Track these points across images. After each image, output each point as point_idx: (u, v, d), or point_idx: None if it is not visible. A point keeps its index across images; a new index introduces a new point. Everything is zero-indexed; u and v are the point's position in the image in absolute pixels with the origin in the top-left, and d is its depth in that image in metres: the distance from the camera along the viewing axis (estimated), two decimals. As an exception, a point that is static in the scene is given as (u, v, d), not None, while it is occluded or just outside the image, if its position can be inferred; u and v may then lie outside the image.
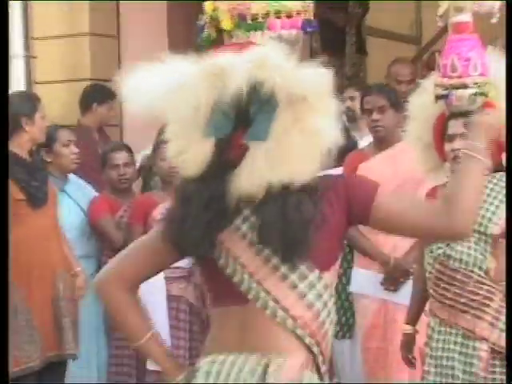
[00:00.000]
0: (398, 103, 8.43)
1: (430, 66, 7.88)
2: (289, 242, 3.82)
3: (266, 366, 3.84)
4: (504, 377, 6.70)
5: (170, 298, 8.90)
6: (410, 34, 15.35)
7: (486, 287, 6.59)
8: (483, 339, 6.56)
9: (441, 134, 6.84)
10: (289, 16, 4.03)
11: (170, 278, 8.60)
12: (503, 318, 6.57)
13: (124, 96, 3.90)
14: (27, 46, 11.40)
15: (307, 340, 3.91)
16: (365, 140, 9.43)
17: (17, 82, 11.20)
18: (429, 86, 6.88)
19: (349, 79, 13.56)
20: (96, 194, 9.46)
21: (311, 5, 4.14)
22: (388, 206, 4.08)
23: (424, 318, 7.05)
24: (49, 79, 11.64)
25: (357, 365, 8.61)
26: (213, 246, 3.89)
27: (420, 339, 7.07)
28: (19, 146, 8.43)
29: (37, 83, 11.43)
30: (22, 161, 8.46)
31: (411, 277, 7.63)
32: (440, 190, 6.83)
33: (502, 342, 6.52)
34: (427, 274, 6.83)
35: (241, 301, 3.91)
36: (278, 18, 4.01)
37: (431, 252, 6.73)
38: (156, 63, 3.87)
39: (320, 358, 3.99)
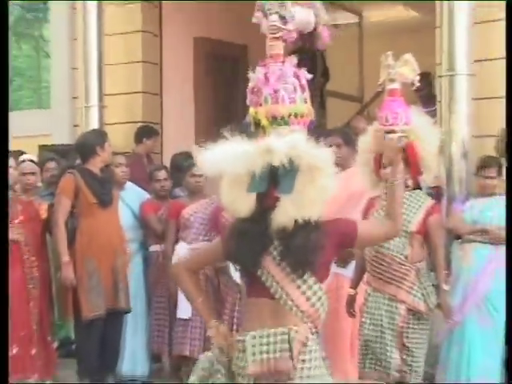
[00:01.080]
0: (350, 142, 8.43)
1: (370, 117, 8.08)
2: (302, 264, 4.35)
3: (289, 333, 4.31)
4: (416, 327, 6.99)
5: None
6: (355, 95, 15.28)
7: (404, 267, 6.94)
8: (402, 302, 6.91)
9: (379, 163, 7.13)
10: (302, 116, 4.46)
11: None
12: (416, 287, 6.93)
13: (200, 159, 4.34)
14: (101, 98, 11.55)
15: (308, 323, 4.44)
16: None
17: (92, 124, 11.30)
18: (371, 131, 7.30)
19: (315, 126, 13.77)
20: (148, 195, 9.58)
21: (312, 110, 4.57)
22: (362, 233, 4.62)
23: (362, 286, 7.34)
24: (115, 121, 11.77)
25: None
26: (258, 266, 4.38)
27: (359, 299, 7.30)
28: (94, 165, 8.62)
29: (106, 124, 11.48)
30: (95, 176, 8.62)
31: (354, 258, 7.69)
32: (377, 199, 7.22)
33: (415, 304, 6.90)
34: (366, 257, 7.12)
35: (270, 296, 4.40)
36: (295, 117, 4.42)
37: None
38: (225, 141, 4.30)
39: (314, 329, 4.49)
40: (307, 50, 13.41)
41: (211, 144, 4.35)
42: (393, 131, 7.08)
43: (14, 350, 8.29)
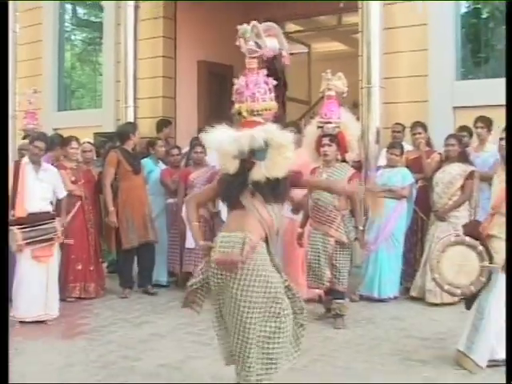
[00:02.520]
0: (300, 131, 8.12)
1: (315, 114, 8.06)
2: (270, 196, 4.48)
3: (244, 237, 4.39)
4: (341, 253, 6.93)
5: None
6: (305, 99, 15.10)
7: (333, 213, 6.90)
8: (332, 236, 6.86)
9: (319, 144, 7.13)
10: (270, 110, 4.55)
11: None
12: (341, 227, 6.87)
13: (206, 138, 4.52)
14: (135, 101, 11.58)
15: (266, 228, 4.49)
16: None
17: (129, 118, 11.35)
18: (315, 122, 7.31)
19: (278, 119, 13.64)
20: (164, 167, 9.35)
21: (276, 105, 4.62)
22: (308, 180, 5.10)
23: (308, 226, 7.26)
24: (144, 116, 11.67)
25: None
26: (237, 199, 4.52)
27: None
28: (128, 146, 8.53)
29: (138, 118, 11.48)
30: (130, 153, 8.53)
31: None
32: (317, 169, 7.16)
33: (340, 238, 6.87)
34: (309, 207, 7.08)
35: (242, 209, 4.50)
36: (266, 111, 4.52)
37: (312, 196, 7.03)
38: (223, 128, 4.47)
39: (269, 236, 4.52)
40: (273, 69, 13.48)
41: (212, 129, 4.49)
42: (329, 123, 7.19)
43: (79, 266, 8.26)
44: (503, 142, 5.63)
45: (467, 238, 5.40)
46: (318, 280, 7.02)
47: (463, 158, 7.88)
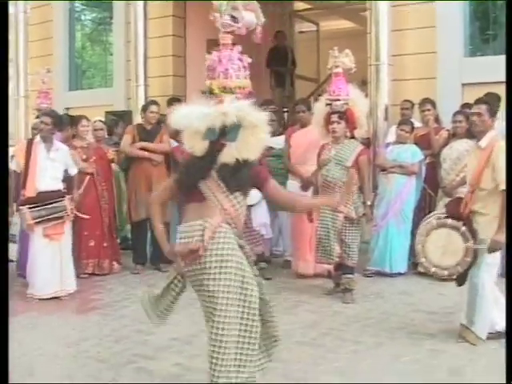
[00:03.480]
0: (310, 108, 8.22)
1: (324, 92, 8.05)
2: (236, 186, 4.10)
3: (204, 223, 4.00)
4: (350, 228, 6.96)
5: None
6: (313, 77, 15.01)
7: (342, 189, 6.87)
8: (341, 212, 6.83)
9: (328, 121, 7.13)
10: (244, 88, 4.21)
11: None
12: (349, 203, 6.88)
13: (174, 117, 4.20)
14: (145, 80, 11.59)
15: (229, 219, 4.08)
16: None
17: (140, 97, 11.44)
18: (324, 99, 7.28)
19: (287, 97, 13.41)
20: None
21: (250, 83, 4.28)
22: (271, 189, 4.23)
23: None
24: (155, 95, 11.54)
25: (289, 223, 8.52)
26: (198, 184, 4.11)
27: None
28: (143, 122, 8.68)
29: (149, 97, 11.39)
30: (144, 128, 8.66)
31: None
32: (326, 145, 7.18)
33: (349, 213, 6.87)
34: (318, 183, 7.12)
35: (202, 201, 4.08)
36: (239, 89, 4.18)
37: (322, 175, 7.06)
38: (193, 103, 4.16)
39: (233, 226, 4.11)
40: (282, 48, 13.43)
41: (180, 107, 4.25)
42: (338, 100, 7.20)
43: (91, 243, 8.32)
44: (474, 117, 5.60)
45: (449, 221, 5.43)
46: (328, 255, 7.05)
47: (471, 134, 7.85)
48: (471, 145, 7.66)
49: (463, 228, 5.36)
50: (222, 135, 4.11)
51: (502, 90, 8.17)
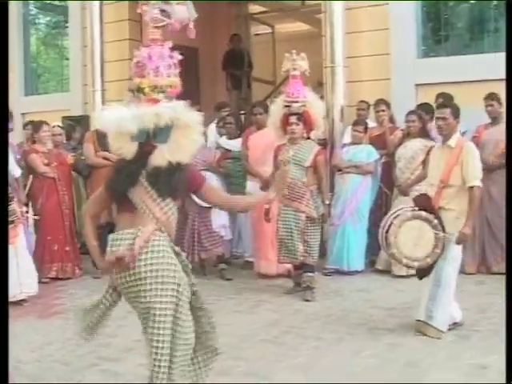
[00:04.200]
0: (267, 111, 8.06)
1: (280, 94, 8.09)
2: (168, 188, 3.88)
3: (136, 232, 3.82)
4: (312, 228, 7.11)
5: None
6: (270, 79, 15.06)
7: (302, 189, 7.04)
8: (302, 212, 6.99)
9: (284, 123, 7.26)
10: (175, 87, 3.95)
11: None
12: (310, 202, 7.04)
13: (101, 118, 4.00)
14: (102, 85, 11.64)
15: (162, 228, 3.87)
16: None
17: (97, 101, 11.34)
18: (280, 101, 7.41)
19: (243, 99, 13.45)
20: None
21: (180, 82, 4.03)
22: (207, 191, 4.12)
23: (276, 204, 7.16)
24: (112, 99, 11.57)
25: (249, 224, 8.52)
26: (129, 191, 3.89)
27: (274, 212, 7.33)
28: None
29: (107, 101, 11.41)
30: (104, 134, 8.58)
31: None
32: (282, 146, 7.31)
33: (311, 213, 7.02)
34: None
35: (133, 210, 3.88)
36: (170, 87, 3.92)
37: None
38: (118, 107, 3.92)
39: (165, 232, 3.91)
40: (238, 50, 13.52)
41: (105, 108, 4.04)
42: (296, 102, 7.32)
43: (55, 247, 8.36)
44: (440, 122, 5.78)
45: (423, 213, 5.56)
46: (292, 255, 7.17)
47: (424, 133, 8.06)
48: (425, 144, 7.92)
49: (435, 221, 5.52)
50: (151, 137, 3.90)
51: (453, 90, 8.46)
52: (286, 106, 7.35)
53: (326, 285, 7.62)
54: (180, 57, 4.06)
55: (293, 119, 7.20)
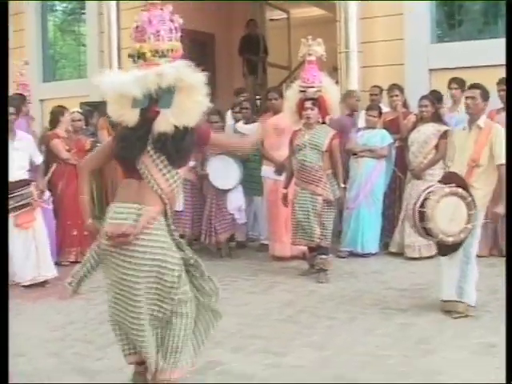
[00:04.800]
0: (282, 96, 8.36)
1: (295, 79, 8.18)
2: (177, 154, 3.86)
3: (141, 209, 3.82)
4: (328, 211, 7.23)
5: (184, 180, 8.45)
6: (285, 65, 15.09)
7: (319, 173, 7.13)
8: (319, 195, 7.10)
9: (300, 107, 7.33)
10: (176, 51, 3.89)
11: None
12: (327, 186, 7.14)
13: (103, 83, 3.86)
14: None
15: (165, 198, 3.88)
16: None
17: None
18: (296, 86, 7.47)
19: (259, 85, 13.55)
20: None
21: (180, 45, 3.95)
22: (216, 140, 4.23)
23: (292, 187, 7.47)
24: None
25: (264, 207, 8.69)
26: (137, 160, 3.86)
27: (290, 195, 7.49)
28: None
29: None
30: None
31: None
32: (299, 131, 7.40)
33: (327, 196, 7.13)
34: (294, 167, 7.35)
35: (139, 178, 3.86)
36: (171, 52, 3.85)
37: (297, 158, 7.28)
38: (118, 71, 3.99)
39: (169, 208, 3.92)
40: (254, 36, 13.61)
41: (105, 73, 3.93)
42: (312, 87, 7.42)
43: (74, 232, 8.49)
44: (468, 101, 5.92)
45: (460, 190, 5.64)
46: (309, 237, 7.29)
47: (437, 118, 8.18)
48: (437, 128, 8.04)
49: (470, 198, 5.62)
50: (153, 101, 3.82)
51: (467, 75, 8.56)
52: (302, 91, 7.44)
53: (340, 267, 7.76)
54: (181, 20, 3.98)
55: (308, 104, 7.30)
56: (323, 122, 7.49)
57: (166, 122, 3.78)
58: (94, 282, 7.23)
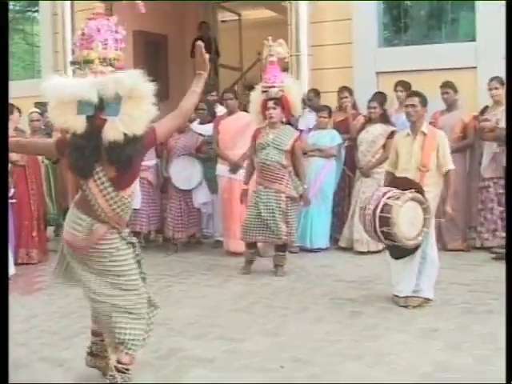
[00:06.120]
0: (237, 97, 8.85)
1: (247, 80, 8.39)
2: (128, 163, 3.94)
3: (93, 224, 4.04)
4: (292, 208, 7.44)
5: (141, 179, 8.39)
6: (237, 66, 15.43)
7: (282, 171, 7.35)
8: (283, 193, 7.33)
9: (264, 107, 7.52)
10: (120, 60, 3.97)
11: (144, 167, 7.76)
12: (290, 183, 7.35)
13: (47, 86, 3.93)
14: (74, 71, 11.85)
15: (109, 221, 4.06)
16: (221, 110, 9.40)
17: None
18: (259, 88, 7.70)
19: (212, 86, 13.77)
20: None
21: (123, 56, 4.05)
22: (161, 131, 4.13)
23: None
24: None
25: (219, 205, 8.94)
26: (91, 173, 3.98)
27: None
28: None
29: None
30: None
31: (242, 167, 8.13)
32: (261, 129, 7.58)
33: (291, 193, 7.36)
34: (256, 165, 7.51)
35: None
36: (117, 60, 3.93)
37: (259, 157, 7.45)
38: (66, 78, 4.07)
39: (118, 227, 4.11)
40: (206, 38, 13.90)
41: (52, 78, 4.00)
42: (273, 87, 7.64)
43: (22, 233, 8.52)
44: (409, 109, 6.28)
45: (419, 195, 5.94)
46: (275, 236, 7.49)
47: (384, 119, 8.60)
48: (385, 129, 8.46)
49: (426, 203, 5.94)
50: (98, 109, 3.86)
51: (411, 78, 9.03)
52: (264, 92, 7.64)
53: (292, 262, 8.08)
54: (124, 32, 4.09)
55: (270, 104, 7.47)
56: (288, 122, 7.72)
57: (114, 130, 3.83)
58: (55, 279, 7.62)
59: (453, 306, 6.15)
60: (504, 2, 7.38)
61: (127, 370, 4.17)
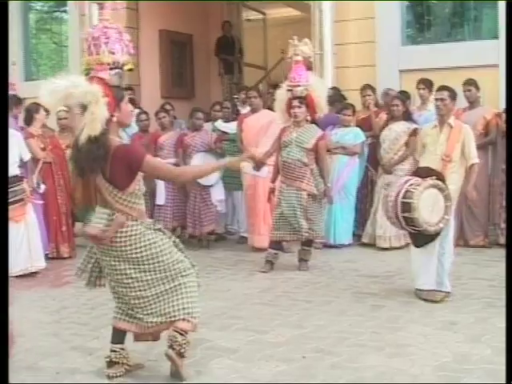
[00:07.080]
0: (261, 95, 9.01)
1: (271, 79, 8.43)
2: (87, 169, 4.16)
3: (111, 214, 4.18)
4: (313, 205, 7.50)
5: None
6: (261, 65, 15.57)
7: (303, 169, 7.43)
8: (304, 190, 7.41)
9: (289, 106, 7.59)
10: (128, 64, 4.23)
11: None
12: (311, 181, 7.40)
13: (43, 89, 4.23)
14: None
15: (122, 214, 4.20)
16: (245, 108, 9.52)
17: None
18: (284, 87, 7.75)
19: (236, 84, 13.80)
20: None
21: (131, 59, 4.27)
22: (150, 166, 4.23)
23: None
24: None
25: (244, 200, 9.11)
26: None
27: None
28: None
29: None
30: None
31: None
32: (287, 128, 7.63)
33: (312, 191, 7.42)
34: (280, 164, 7.58)
35: None
36: (125, 64, 4.21)
37: (281, 155, 7.57)
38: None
39: (131, 217, 4.24)
40: (229, 37, 14.03)
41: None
42: (298, 86, 7.67)
43: (51, 228, 8.77)
44: (438, 102, 6.41)
45: (440, 182, 6.04)
46: (297, 232, 7.58)
47: (407, 116, 8.68)
48: (407, 126, 8.54)
49: (447, 191, 6.03)
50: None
51: (434, 76, 9.12)
52: (289, 90, 7.70)
53: (316, 257, 8.19)
54: (129, 37, 4.32)
55: (295, 102, 7.55)
56: (313, 121, 7.75)
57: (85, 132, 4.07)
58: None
59: (473, 300, 6.24)
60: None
61: (186, 333, 4.42)
